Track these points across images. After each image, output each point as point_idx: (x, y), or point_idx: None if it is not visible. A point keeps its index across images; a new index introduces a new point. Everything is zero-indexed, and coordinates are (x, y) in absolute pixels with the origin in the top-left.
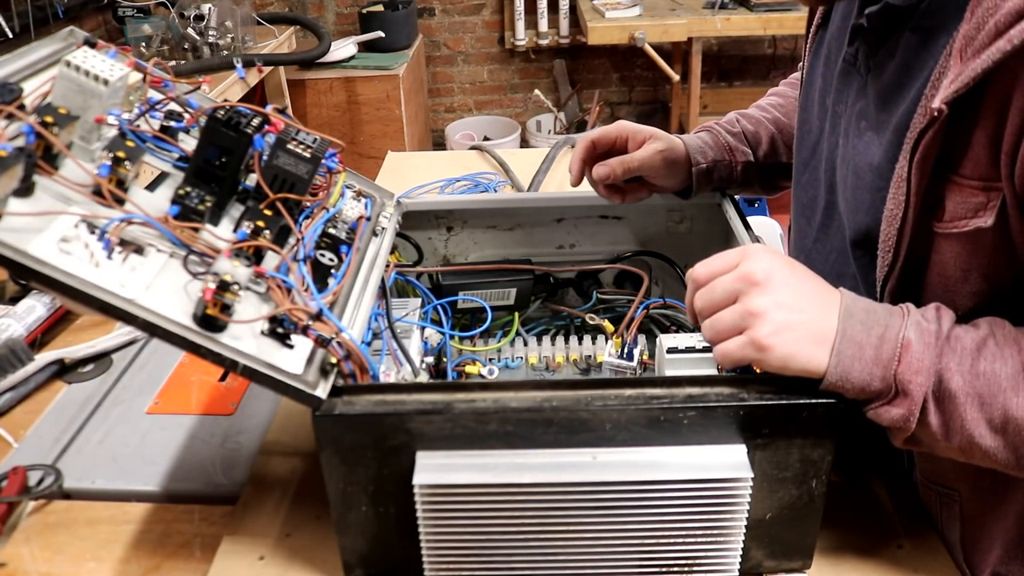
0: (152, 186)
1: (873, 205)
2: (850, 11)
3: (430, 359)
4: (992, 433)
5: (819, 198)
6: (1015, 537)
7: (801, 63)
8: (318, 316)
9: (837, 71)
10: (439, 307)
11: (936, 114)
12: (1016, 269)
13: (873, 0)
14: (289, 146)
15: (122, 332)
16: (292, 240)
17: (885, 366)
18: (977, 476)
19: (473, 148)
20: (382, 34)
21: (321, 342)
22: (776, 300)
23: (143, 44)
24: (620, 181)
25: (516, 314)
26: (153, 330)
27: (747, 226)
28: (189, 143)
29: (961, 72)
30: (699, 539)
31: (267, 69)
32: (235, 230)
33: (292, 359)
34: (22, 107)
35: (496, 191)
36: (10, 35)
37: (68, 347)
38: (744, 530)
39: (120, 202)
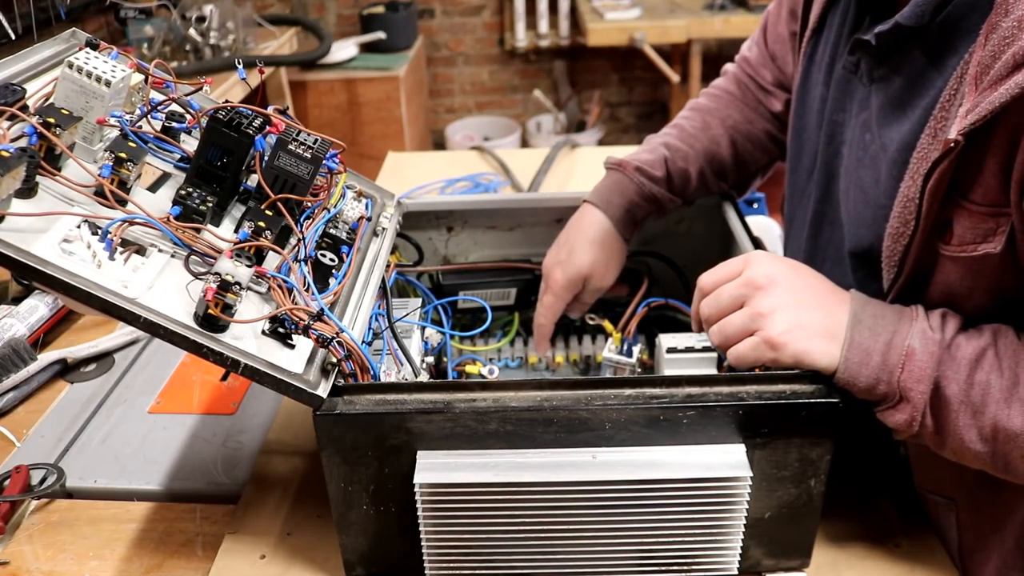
0: (154, 187)
1: (875, 221)
2: (846, 17)
3: (430, 359)
4: (982, 440)
5: (810, 208)
6: (1012, 548)
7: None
8: (319, 316)
9: (836, 78)
10: (439, 307)
11: (952, 145)
12: (1021, 287)
13: (880, 15)
14: (290, 147)
15: (124, 332)
16: (293, 240)
17: (890, 372)
18: (974, 487)
19: (473, 148)
20: (383, 35)
21: (322, 342)
22: (782, 301)
23: (145, 45)
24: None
25: (516, 314)
26: (155, 330)
27: (746, 226)
28: (191, 144)
29: (978, 103)
30: (698, 538)
31: (268, 70)
32: (236, 230)
33: (293, 359)
34: (25, 108)
35: (496, 191)
36: (13, 36)
37: (70, 347)
38: (743, 529)
39: (122, 203)
